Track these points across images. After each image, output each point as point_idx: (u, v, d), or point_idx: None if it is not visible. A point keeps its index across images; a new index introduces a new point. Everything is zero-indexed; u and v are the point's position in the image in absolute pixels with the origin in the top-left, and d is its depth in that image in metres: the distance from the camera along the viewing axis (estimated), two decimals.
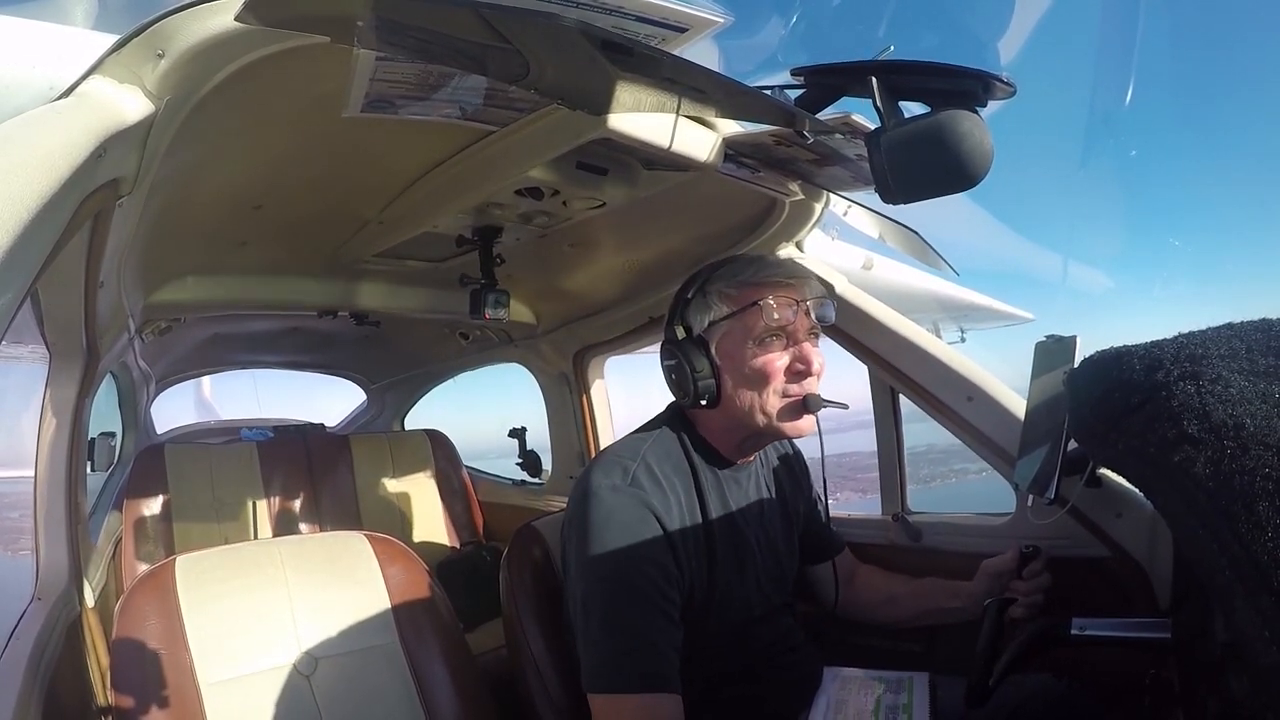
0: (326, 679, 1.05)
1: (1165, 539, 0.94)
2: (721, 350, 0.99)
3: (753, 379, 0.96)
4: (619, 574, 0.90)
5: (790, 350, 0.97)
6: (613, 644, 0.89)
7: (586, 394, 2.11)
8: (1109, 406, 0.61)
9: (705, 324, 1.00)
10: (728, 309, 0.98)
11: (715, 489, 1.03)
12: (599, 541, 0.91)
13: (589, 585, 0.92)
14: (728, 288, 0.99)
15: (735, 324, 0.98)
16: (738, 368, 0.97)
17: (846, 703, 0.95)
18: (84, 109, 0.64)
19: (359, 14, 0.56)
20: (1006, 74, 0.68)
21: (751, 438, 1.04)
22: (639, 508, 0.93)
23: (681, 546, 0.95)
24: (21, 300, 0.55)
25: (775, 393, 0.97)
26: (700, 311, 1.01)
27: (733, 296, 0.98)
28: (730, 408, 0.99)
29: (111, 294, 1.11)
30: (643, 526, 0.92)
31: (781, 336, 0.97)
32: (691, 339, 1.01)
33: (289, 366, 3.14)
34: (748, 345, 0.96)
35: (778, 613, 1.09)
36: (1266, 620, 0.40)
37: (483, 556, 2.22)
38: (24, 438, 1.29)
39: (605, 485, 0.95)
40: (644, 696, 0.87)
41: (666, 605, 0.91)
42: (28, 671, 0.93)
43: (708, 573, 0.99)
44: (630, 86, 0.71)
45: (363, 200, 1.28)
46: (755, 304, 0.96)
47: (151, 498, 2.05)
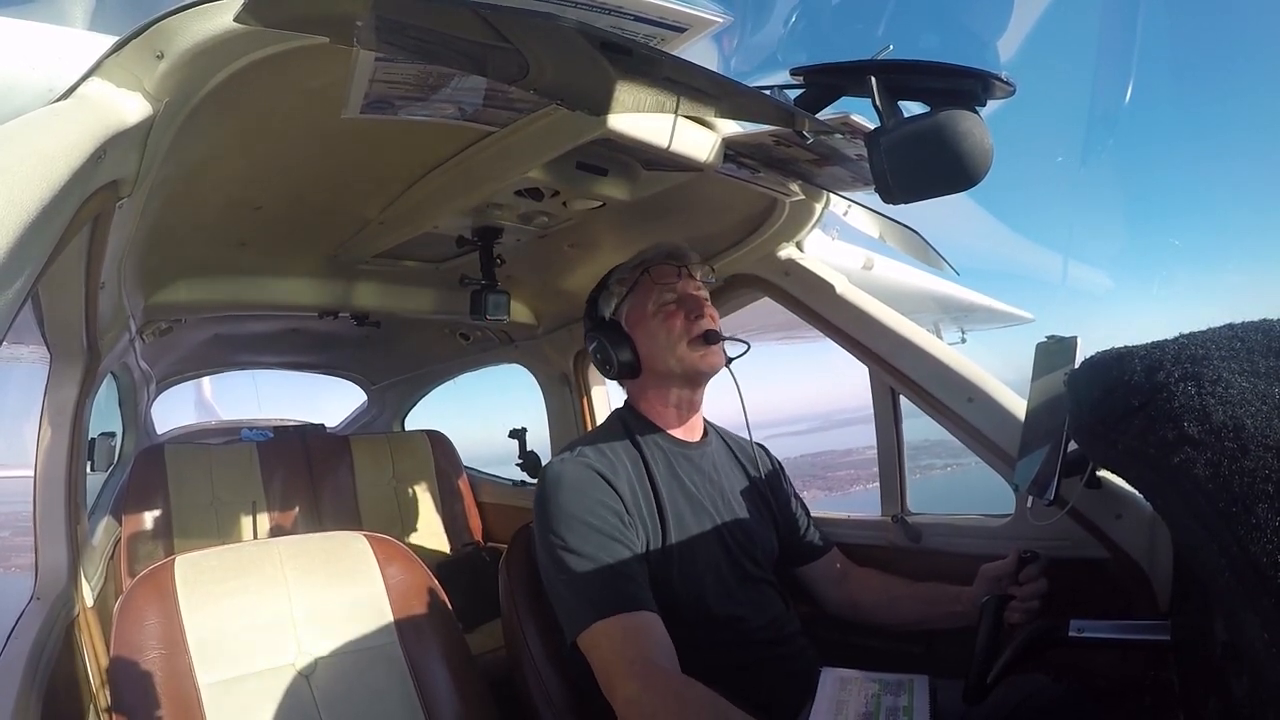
0: (326, 679, 1.05)
1: (1165, 540, 0.94)
2: (630, 322, 1.16)
3: (657, 333, 1.12)
4: (576, 517, 0.99)
5: (681, 302, 1.13)
6: (584, 579, 0.95)
7: (587, 395, 2.11)
8: (1109, 408, 0.61)
9: (613, 308, 1.18)
10: (625, 289, 1.17)
11: (663, 461, 1.13)
12: (554, 501, 1.01)
13: (552, 539, 0.99)
14: (622, 274, 1.18)
15: (634, 299, 1.16)
16: (645, 330, 1.14)
17: (846, 704, 0.95)
18: (83, 110, 0.64)
19: (358, 14, 0.56)
20: (1006, 73, 0.68)
21: (681, 394, 1.16)
22: (585, 469, 1.04)
23: (631, 499, 1.04)
24: (22, 301, 0.55)
25: (677, 337, 1.11)
26: (606, 300, 1.19)
27: (626, 279, 1.17)
28: (651, 368, 1.14)
29: (112, 295, 1.11)
30: (590, 483, 1.03)
31: (674, 299, 1.13)
32: (605, 323, 1.18)
33: (289, 367, 3.14)
34: (649, 309, 1.14)
35: (756, 583, 1.11)
36: (1266, 622, 0.40)
37: (482, 557, 2.22)
38: (23, 438, 1.29)
39: (555, 462, 1.08)
40: (626, 615, 0.92)
41: (626, 539, 0.99)
42: (26, 671, 0.93)
43: (661, 525, 1.06)
44: (630, 87, 0.71)
45: (363, 201, 1.28)
46: (644, 273, 1.15)
47: (151, 498, 2.06)
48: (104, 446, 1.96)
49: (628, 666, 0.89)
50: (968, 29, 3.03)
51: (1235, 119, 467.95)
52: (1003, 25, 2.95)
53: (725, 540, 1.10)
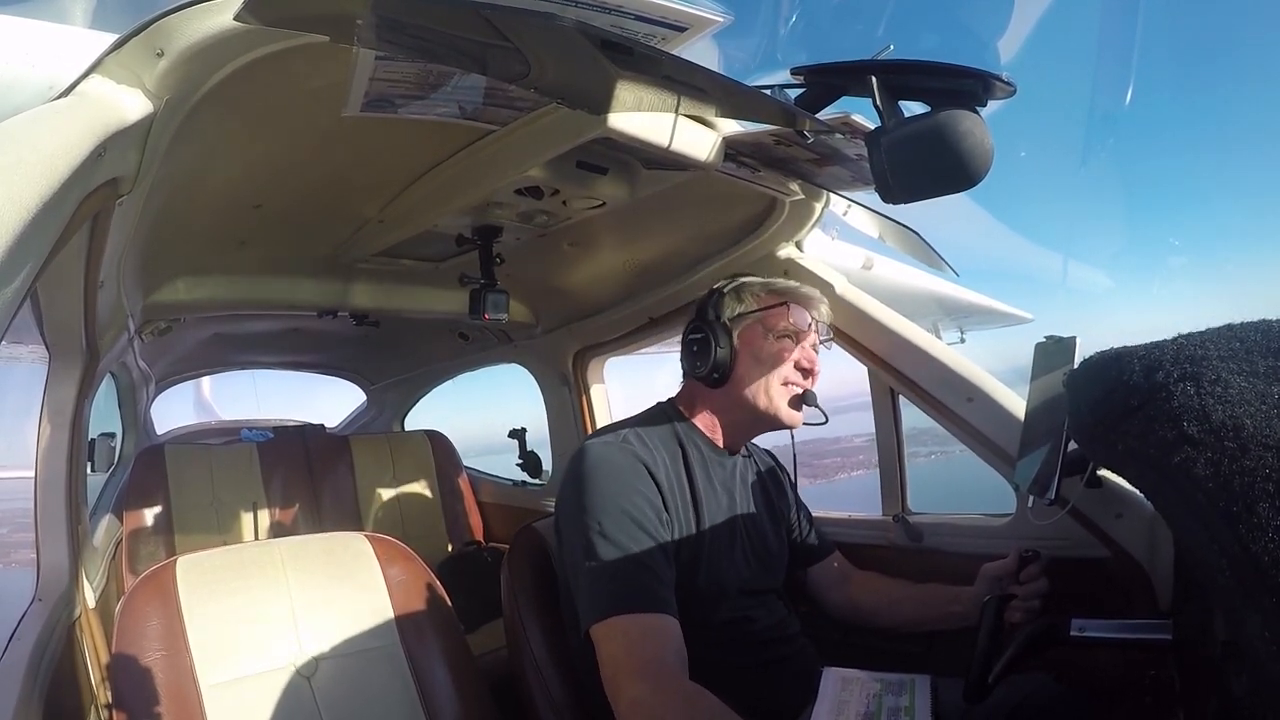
0: (327, 680, 1.05)
1: (1165, 540, 0.94)
2: (742, 338, 1.12)
3: (766, 364, 1.09)
4: (616, 505, 0.96)
5: (800, 351, 1.11)
6: (614, 568, 0.92)
7: (586, 394, 2.11)
8: (1108, 408, 0.61)
9: (734, 314, 1.13)
10: (756, 305, 1.13)
11: (701, 466, 1.11)
12: (593, 484, 0.98)
13: (586, 520, 0.96)
14: (760, 289, 1.15)
15: (759, 319, 1.12)
16: (754, 353, 1.10)
17: (848, 703, 0.95)
18: (83, 108, 0.64)
19: (358, 13, 0.56)
20: (1006, 73, 0.68)
21: (745, 423, 1.15)
22: (629, 457, 1.02)
23: (669, 496, 1.02)
24: (21, 300, 0.54)
25: (781, 381, 1.10)
26: (732, 303, 1.14)
27: (762, 296, 1.14)
28: (737, 388, 1.11)
29: (111, 294, 1.11)
30: (634, 472, 1.00)
31: (793, 340, 1.11)
32: (719, 321, 1.13)
33: (289, 367, 3.14)
34: (767, 338, 1.11)
35: (769, 594, 1.13)
36: (1267, 621, 0.40)
37: (483, 557, 2.22)
38: (23, 438, 1.29)
39: (596, 444, 1.05)
40: (647, 615, 0.90)
41: (661, 538, 0.97)
42: (28, 673, 0.93)
43: (696, 526, 1.05)
44: (630, 86, 0.71)
45: (362, 199, 1.28)
46: (783, 304, 1.12)
47: (151, 498, 2.06)
48: (104, 447, 1.95)
49: (641, 666, 0.87)
50: (968, 29, 3.03)
51: (1235, 118, 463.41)
52: (1003, 25, 2.95)
53: (746, 547, 1.11)
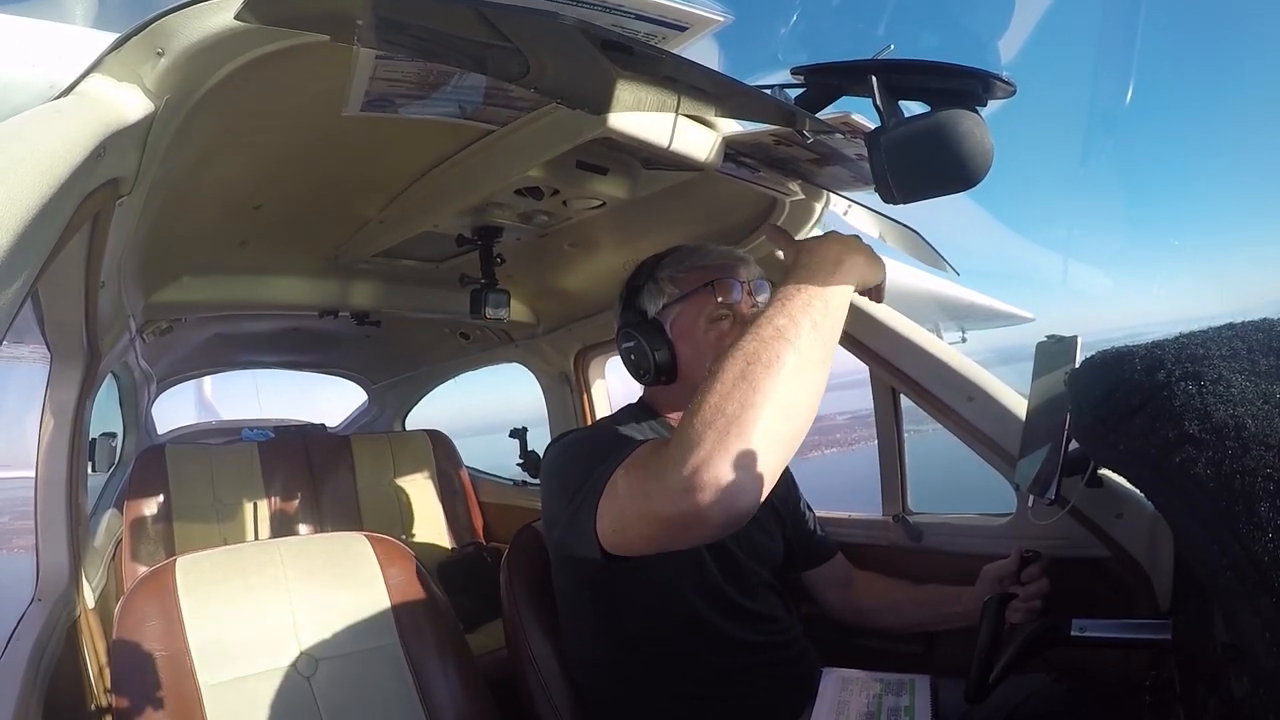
0: (327, 680, 1.05)
1: (1166, 539, 0.94)
2: (676, 330, 1.07)
3: (707, 350, 1.04)
4: (601, 436, 0.96)
5: (739, 325, 1.03)
6: (600, 456, 0.80)
7: (587, 394, 2.11)
8: (1110, 407, 0.60)
9: (659, 307, 1.09)
10: (679, 291, 1.07)
11: None
12: (575, 444, 0.92)
13: (572, 435, 0.97)
14: (677, 273, 1.09)
15: (687, 305, 1.07)
16: (693, 342, 1.06)
17: (848, 704, 0.95)
18: (83, 108, 0.63)
19: (359, 12, 0.56)
20: (1007, 73, 0.68)
21: None
22: (611, 429, 1.05)
23: None
24: (22, 301, 0.54)
25: None
26: (653, 297, 1.10)
27: (683, 280, 1.08)
28: (689, 380, 1.06)
29: (112, 294, 1.11)
30: (618, 437, 0.97)
31: (729, 314, 1.05)
32: (646, 321, 1.09)
33: (289, 366, 3.14)
34: (700, 322, 1.05)
35: (759, 586, 1.11)
36: (1267, 622, 0.40)
37: (483, 557, 2.22)
38: (24, 438, 1.29)
39: (575, 428, 1.08)
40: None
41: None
42: (28, 672, 0.93)
43: None
44: (630, 85, 0.71)
45: (363, 199, 1.28)
46: (708, 284, 1.05)
47: (152, 498, 2.06)
48: (105, 447, 1.96)
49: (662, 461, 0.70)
50: (968, 29, 3.04)
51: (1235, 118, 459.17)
52: (1003, 25, 2.96)
53: (730, 544, 1.09)
